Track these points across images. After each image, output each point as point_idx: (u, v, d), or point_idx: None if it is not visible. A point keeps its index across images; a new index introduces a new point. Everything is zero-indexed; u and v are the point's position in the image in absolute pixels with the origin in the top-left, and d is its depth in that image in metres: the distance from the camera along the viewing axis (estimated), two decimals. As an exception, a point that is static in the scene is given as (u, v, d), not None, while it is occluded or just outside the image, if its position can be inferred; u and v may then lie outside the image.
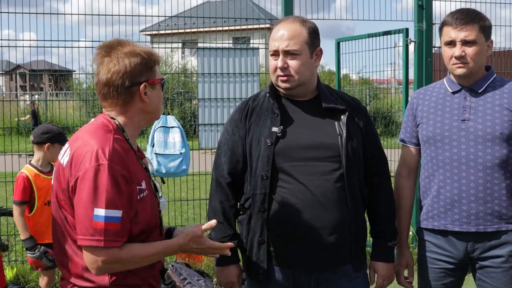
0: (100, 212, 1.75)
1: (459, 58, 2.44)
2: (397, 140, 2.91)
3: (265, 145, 2.32)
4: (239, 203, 2.47)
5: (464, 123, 2.47)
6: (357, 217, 2.37)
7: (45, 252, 4.07)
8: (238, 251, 2.50)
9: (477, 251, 2.48)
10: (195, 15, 6.16)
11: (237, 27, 6.19)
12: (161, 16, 6.10)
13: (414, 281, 2.72)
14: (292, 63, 2.33)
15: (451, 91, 2.56)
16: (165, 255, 2.00)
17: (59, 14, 5.67)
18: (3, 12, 5.23)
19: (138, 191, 1.88)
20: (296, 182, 2.29)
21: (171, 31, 7.17)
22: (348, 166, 2.32)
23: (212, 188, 2.48)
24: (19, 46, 5.69)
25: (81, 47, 6.06)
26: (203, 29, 6.35)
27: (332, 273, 2.37)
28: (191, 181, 6.31)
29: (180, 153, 4.81)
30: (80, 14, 5.50)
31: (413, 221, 3.64)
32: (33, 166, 4.15)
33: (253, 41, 8.42)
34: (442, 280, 2.57)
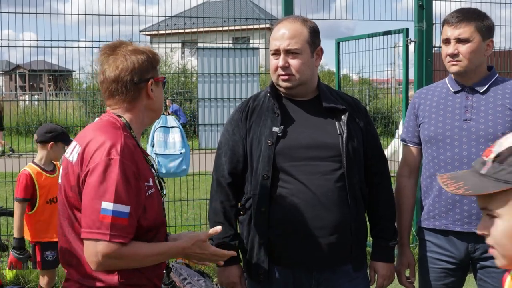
0: (108, 206, 1.73)
1: (452, 56, 2.47)
2: (396, 140, 2.90)
3: (266, 145, 2.32)
4: (240, 203, 2.47)
5: (466, 123, 2.47)
6: (358, 217, 2.37)
7: (29, 257, 4.14)
8: (239, 251, 2.50)
9: (478, 251, 2.48)
10: (195, 15, 6.16)
11: (237, 27, 6.19)
12: (161, 16, 6.10)
13: (415, 281, 2.72)
14: (293, 62, 2.33)
15: (453, 91, 2.56)
16: (168, 257, 1.99)
17: (59, 14, 5.67)
18: (3, 12, 5.23)
19: (147, 188, 1.88)
20: (297, 182, 2.29)
21: (171, 31, 7.16)
22: (349, 166, 2.32)
23: (213, 189, 2.48)
24: (19, 46, 5.69)
25: (81, 47, 6.05)
26: (203, 29, 6.34)
27: (333, 273, 2.36)
28: (191, 181, 6.31)
29: (180, 153, 4.81)
30: (80, 14, 5.50)
31: (413, 221, 3.63)
32: (36, 165, 4.18)
33: (253, 41, 8.41)
34: (443, 280, 2.57)
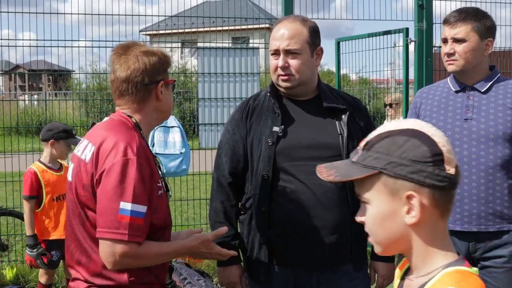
0: (127, 206, 1.75)
1: (448, 55, 2.49)
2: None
3: (266, 145, 2.32)
4: (240, 203, 2.47)
5: (467, 123, 2.47)
6: (358, 217, 2.37)
7: (42, 254, 4.13)
8: (240, 251, 2.49)
9: (479, 251, 2.48)
10: (194, 15, 6.15)
11: (237, 27, 6.19)
12: (161, 16, 6.09)
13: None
14: (293, 62, 2.33)
15: (454, 90, 2.56)
16: (176, 256, 2.02)
17: (58, 14, 5.67)
18: (2, 12, 5.22)
19: (157, 188, 1.90)
20: (297, 182, 2.29)
21: (171, 31, 7.16)
22: (349, 166, 2.32)
23: (213, 188, 2.48)
24: (18, 46, 5.69)
25: (81, 47, 6.02)
26: (203, 29, 6.34)
27: (333, 273, 2.36)
28: (191, 181, 6.31)
29: (180, 153, 4.80)
30: (80, 14, 5.50)
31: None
32: (41, 163, 4.24)
33: (253, 41, 8.41)
34: (444, 280, 2.56)
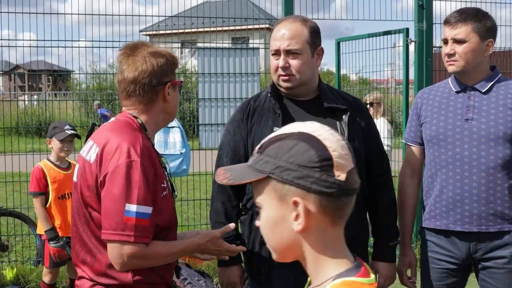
0: (132, 208, 1.76)
1: (449, 56, 2.49)
2: (396, 140, 2.91)
3: (267, 145, 2.31)
4: (241, 204, 2.47)
5: (468, 123, 2.46)
6: (359, 217, 2.36)
7: (68, 242, 4.14)
8: (240, 252, 2.49)
9: (480, 252, 2.47)
10: (194, 15, 6.15)
11: (237, 27, 6.18)
12: (160, 16, 6.10)
13: (417, 281, 2.72)
14: (294, 63, 2.33)
15: (455, 91, 2.56)
16: (184, 254, 2.03)
17: (58, 14, 5.67)
18: (2, 12, 5.22)
19: (162, 189, 1.90)
20: None
21: (171, 31, 7.16)
22: (350, 166, 2.31)
23: (214, 189, 2.47)
24: (18, 46, 5.69)
25: (81, 47, 6.03)
26: (203, 29, 6.33)
27: (334, 273, 2.36)
28: (191, 181, 6.31)
29: (181, 153, 4.80)
30: (79, 14, 5.49)
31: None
32: (49, 160, 4.32)
33: (253, 41, 8.41)
34: (445, 280, 2.56)
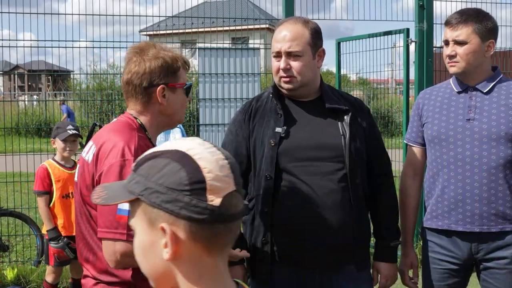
0: (125, 206, 1.78)
1: (450, 57, 2.49)
2: (396, 140, 2.92)
3: (269, 146, 2.32)
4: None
5: (469, 123, 2.47)
6: (361, 217, 2.37)
7: (68, 243, 4.19)
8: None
9: (481, 252, 2.48)
10: (194, 15, 6.15)
11: (239, 27, 6.18)
12: (160, 16, 6.10)
13: (419, 282, 2.72)
14: (295, 64, 2.33)
15: (457, 91, 2.57)
16: None
17: (58, 14, 5.67)
18: (2, 12, 5.22)
19: None
20: (300, 182, 2.29)
21: (172, 31, 7.16)
22: (352, 167, 2.32)
23: (216, 189, 2.48)
24: (18, 46, 5.68)
25: (81, 47, 6.01)
26: (204, 29, 6.33)
27: (336, 274, 2.36)
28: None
29: (181, 153, 4.80)
30: (79, 14, 5.49)
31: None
32: (54, 160, 4.36)
33: (254, 41, 8.41)
34: (446, 281, 2.56)
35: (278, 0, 5.46)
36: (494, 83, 2.52)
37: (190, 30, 7.00)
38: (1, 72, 14.57)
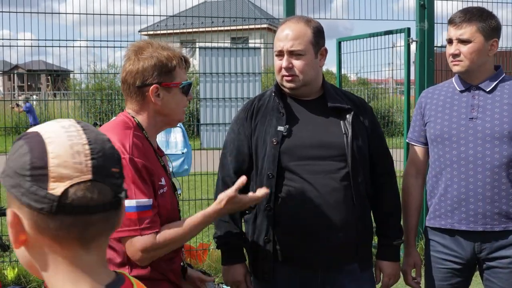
0: (131, 203, 1.79)
1: (454, 56, 2.49)
2: (396, 140, 2.92)
3: (271, 144, 2.32)
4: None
5: (472, 122, 2.47)
6: (363, 216, 2.37)
7: None
8: (244, 250, 2.50)
9: (485, 252, 2.47)
10: (193, 15, 6.15)
11: (238, 27, 6.18)
12: (159, 16, 6.08)
13: (422, 281, 2.72)
14: (297, 63, 2.33)
15: (459, 90, 2.56)
16: (204, 225, 1.98)
17: (57, 14, 5.67)
18: (1, 12, 5.20)
19: (159, 187, 1.93)
20: (302, 181, 2.29)
21: (173, 31, 7.15)
22: (354, 165, 2.32)
23: (218, 188, 2.48)
24: (18, 46, 5.67)
25: (82, 47, 6.00)
26: (204, 29, 6.33)
27: (338, 272, 2.36)
28: (193, 181, 6.31)
29: (182, 153, 4.80)
30: (78, 14, 5.48)
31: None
32: None
33: (255, 41, 8.42)
34: (449, 280, 2.56)
35: (278, 0, 5.47)
36: (497, 82, 2.51)
37: (190, 30, 7.00)
38: (1, 72, 14.54)
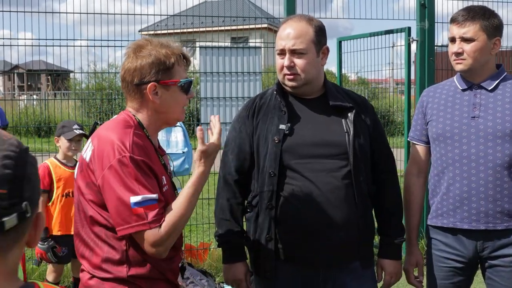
0: (137, 199, 1.81)
1: (457, 55, 2.48)
2: (397, 140, 2.92)
3: (273, 143, 2.32)
4: (246, 201, 2.47)
5: (474, 120, 2.46)
6: (365, 215, 2.37)
7: (53, 247, 4.19)
8: (245, 248, 2.50)
9: (487, 250, 2.47)
10: (193, 15, 6.15)
11: (239, 27, 6.17)
12: (160, 15, 6.09)
13: (424, 280, 2.71)
14: (299, 62, 2.33)
15: (461, 89, 2.56)
16: (198, 194, 1.96)
17: (57, 13, 5.68)
18: (0, 11, 5.19)
19: (160, 184, 1.93)
20: (304, 179, 2.29)
21: (173, 31, 7.16)
22: (356, 164, 2.32)
23: (219, 186, 2.48)
24: (18, 45, 5.67)
25: (79, 46, 5.99)
26: (205, 29, 6.33)
27: (340, 271, 2.36)
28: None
29: (183, 152, 4.79)
30: (79, 13, 5.48)
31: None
32: (56, 159, 4.36)
33: (255, 41, 8.43)
34: (451, 279, 2.56)
35: (279, 0, 5.46)
36: (499, 81, 2.51)
37: (190, 30, 7.00)
38: (1, 72, 14.54)
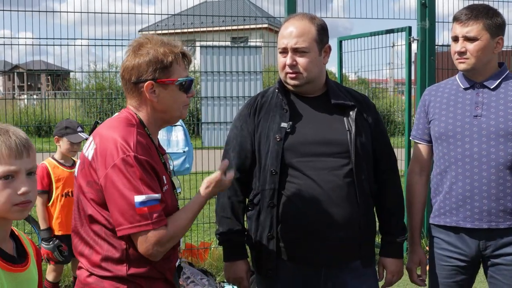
0: (141, 199, 1.81)
1: (460, 54, 2.47)
2: (397, 139, 2.91)
3: (274, 141, 2.32)
4: (248, 199, 2.47)
5: (477, 119, 2.46)
6: (366, 213, 2.37)
7: (59, 246, 4.20)
8: (247, 247, 2.49)
9: (489, 249, 2.47)
10: (193, 15, 6.15)
11: (240, 27, 6.17)
12: (159, 15, 6.08)
13: (426, 279, 2.71)
14: (301, 61, 2.33)
15: (463, 87, 2.56)
16: (199, 211, 2.06)
17: (56, 13, 5.67)
18: (0, 11, 5.19)
19: (161, 184, 1.93)
20: (305, 177, 2.29)
21: (173, 31, 7.15)
22: (357, 162, 2.32)
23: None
24: (18, 44, 5.67)
25: (80, 46, 5.99)
26: (205, 29, 6.33)
27: (341, 269, 2.36)
28: (194, 180, 6.30)
29: (183, 152, 4.79)
30: (79, 13, 5.48)
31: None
32: (54, 159, 4.33)
33: (256, 41, 8.43)
34: (454, 278, 2.55)
35: (280, 0, 5.47)
36: (501, 79, 2.50)
37: (190, 30, 7.00)
38: (1, 72, 14.53)
